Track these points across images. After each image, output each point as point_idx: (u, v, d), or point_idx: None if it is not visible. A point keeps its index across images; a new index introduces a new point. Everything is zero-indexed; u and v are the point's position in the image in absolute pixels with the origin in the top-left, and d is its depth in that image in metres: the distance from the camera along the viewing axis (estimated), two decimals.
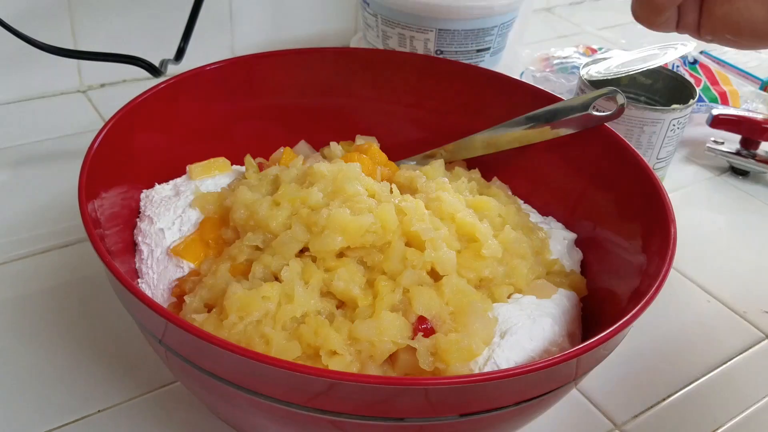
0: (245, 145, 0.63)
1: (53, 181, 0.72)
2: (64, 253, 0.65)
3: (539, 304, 0.51)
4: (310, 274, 0.47)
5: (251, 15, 0.94)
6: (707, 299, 0.67)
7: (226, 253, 0.52)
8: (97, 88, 0.88)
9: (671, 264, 0.45)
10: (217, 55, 0.81)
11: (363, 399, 0.37)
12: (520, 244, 0.54)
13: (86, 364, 0.55)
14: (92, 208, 0.47)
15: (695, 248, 0.73)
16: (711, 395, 0.58)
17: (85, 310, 0.59)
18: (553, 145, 0.61)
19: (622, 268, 0.53)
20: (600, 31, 1.19)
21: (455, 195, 0.55)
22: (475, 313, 0.47)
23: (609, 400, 0.56)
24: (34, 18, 0.79)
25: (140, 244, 0.54)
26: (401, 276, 0.47)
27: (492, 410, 0.39)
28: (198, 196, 0.56)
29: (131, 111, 0.55)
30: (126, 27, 0.86)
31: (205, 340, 0.36)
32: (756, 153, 0.84)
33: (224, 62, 0.62)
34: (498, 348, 0.46)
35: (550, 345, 0.48)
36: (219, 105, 0.62)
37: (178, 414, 0.52)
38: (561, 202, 0.62)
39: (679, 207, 0.68)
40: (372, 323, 0.45)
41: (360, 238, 0.48)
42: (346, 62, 0.66)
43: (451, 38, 0.80)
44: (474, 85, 0.65)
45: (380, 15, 0.82)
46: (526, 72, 0.93)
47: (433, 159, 0.64)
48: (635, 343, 0.60)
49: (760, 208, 0.81)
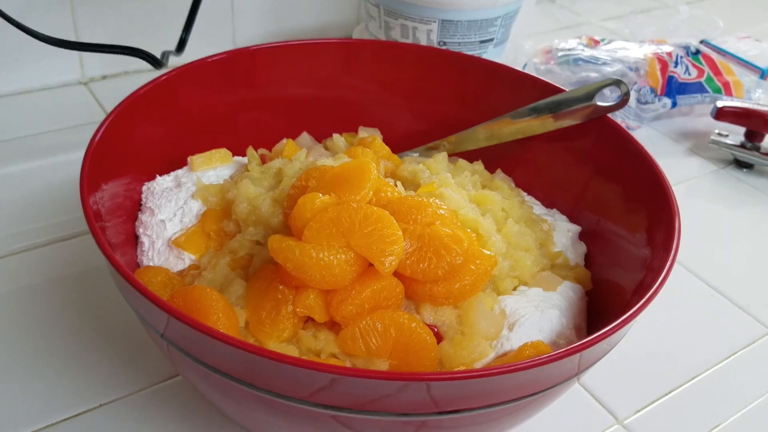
0: (247, 137, 0.63)
1: (55, 173, 0.72)
2: (65, 245, 0.64)
3: (546, 296, 0.51)
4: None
5: (253, 6, 0.93)
6: (710, 293, 0.67)
7: (226, 246, 0.52)
8: (98, 79, 0.88)
9: (675, 257, 0.45)
10: (219, 46, 0.80)
11: (365, 394, 0.37)
12: (524, 237, 0.54)
13: (88, 358, 0.55)
14: (94, 200, 0.47)
15: (698, 241, 0.72)
16: (714, 390, 0.58)
17: (87, 303, 0.59)
18: (557, 137, 0.61)
19: (625, 261, 0.53)
20: (603, 22, 1.19)
21: (458, 190, 0.54)
22: (481, 312, 0.47)
23: (611, 395, 0.56)
24: (36, 10, 0.79)
25: (141, 236, 0.54)
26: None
27: (494, 405, 0.39)
28: (200, 187, 0.56)
29: (133, 103, 0.54)
30: (127, 18, 0.85)
31: (206, 334, 0.36)
32: (760, 146, 0.84)
33: (226, 54, 0.61)
34: (507, 341, 0.46)
35: (558, 337, 0.48)
36: (220, 96, 0.62)
37: (179, 408, 0.52)
38: (564, 194, 0.62)
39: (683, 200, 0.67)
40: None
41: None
42: (348, 54, 0.66)
43: (454, 29, 0.80)
44: (477, 76, 0.65)
45: (383, 5, 0.81)
46: (529, 64, 0.93)
47: (435, 151, 0.64)
48: (637, 337, 0.60)
49: (764, 201, 0.81)
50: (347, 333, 0.44)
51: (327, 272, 0.43)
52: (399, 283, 0.46)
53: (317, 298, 0.45)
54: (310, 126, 0.67)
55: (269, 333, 0.45)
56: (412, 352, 0.44)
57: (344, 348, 0.44)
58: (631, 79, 0.87)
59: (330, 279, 0.44)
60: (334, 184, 0.48)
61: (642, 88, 0.88)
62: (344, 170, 0.49)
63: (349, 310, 0.44)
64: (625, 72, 0.87)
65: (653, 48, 0.92)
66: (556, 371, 0.39)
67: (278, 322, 0.45)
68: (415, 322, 0.44)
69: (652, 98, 0.88)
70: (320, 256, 0.43)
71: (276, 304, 0.45)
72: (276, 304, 0.45)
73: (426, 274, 0.45)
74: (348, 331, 0.44)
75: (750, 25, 1.20)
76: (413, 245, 0.46)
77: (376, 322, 0.44)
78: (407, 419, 0.38)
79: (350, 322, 0.44)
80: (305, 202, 0.46)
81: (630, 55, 0.90)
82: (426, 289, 0.46)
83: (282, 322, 0.45)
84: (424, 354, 0.44)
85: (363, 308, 0.44)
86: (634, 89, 0.87)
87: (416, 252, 0.45)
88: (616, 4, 1.24)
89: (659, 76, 0.89)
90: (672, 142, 0.89)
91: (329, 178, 0.49)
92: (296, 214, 0.46)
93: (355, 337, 0.44)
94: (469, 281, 0.46)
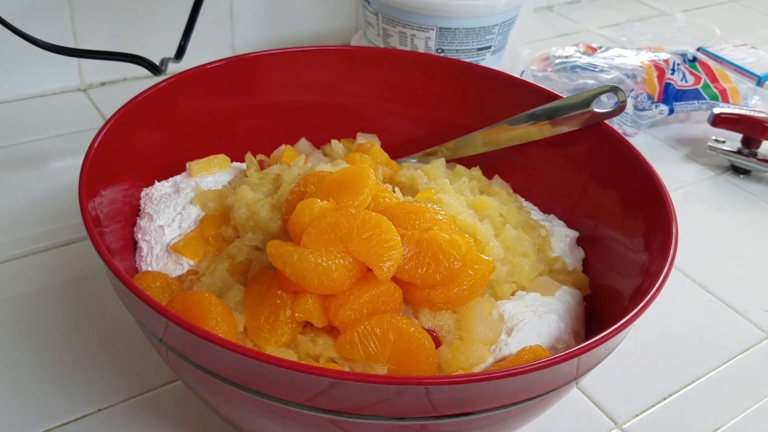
0: (245, 143, 0.63)
1: (53, 179, 0.72)
2: (64, 251, 0.64)
3: (544, 301, 0.51)
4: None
5: (252, 13, 0.94)
6: (708, 298, 0.67)
7: (225, 252, 0.52)
8: (97, 86, 0.88)
9: (673, 263, 0.45)
10: (218, 53, 0.81)
11: (363, 398, 0.37)
12: (522, 242, 0.54)
13: (86, 362, 0.55)
14: (92, 206, 0.47)
15: (696, 247, 0.73)
16: (712, 394, 0.58)
17: (86, 308, 0.59)
18: (554, 143, 0.61)
19: (623, 266, 0.53)
20: (600, 29, 1.19)
21: (456, 196, 0.55)
22: (479, 317, 0.47)
23: (610, 399, 0.56)
24: (35, 16, 0.79)
25: (140, 242, 0.54)
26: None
27: (493, 409, 0.39)
28: (199, 193, 0.56)
29: (132, 109, 0.55)
30: (126, 25, 0.86)
31: (205, 338, 0.36)
32: (757, 152, 0.84)
33: (225, 61, 0.61)
34: (505, 346, 0.46)
35: (557, 342, 0.48)
36: (219, 103, 0.62)
37: (178, 413, 0.52)
38: (562, 200, 0.62)
39: (681, 206, 0.68)
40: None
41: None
42: (346, 61, 0.66)
43: (452, 37, 0.80)
44: (475, 83, 0.65)
45: (381, 13, 0.82)
46: (526, 71, 0.93)
47: (433, 157, 0.64)
48: (636, 342, 0.60)
49: (761, 207, 0.81)
50: (346, 338, 0.44)
51: (325, 277, 0.44)
52: (397, 288, 0.46)
53: (316, 303, 0.45)
54: (309, 132, 0.67)
55: (268, 338, 0.45)
56: (411, 356, 0.44)
57: (343, 353, 0.44)
58: (628, 86, 0.88)
59: (328, 284, 0.44)
60: (333, 189, 0.48)
61: (639, 95, 0.88)
62: (343, 176, 0.49)
63: (348, 315, 0.44)
64: (622, 79, 0.88)
65: (650, 55, 0.93)
66: (554, 375, 0.39)
67: (277, 326, 0.45)
68: (413, 327, 0.44)
69: (649, 105, 0.89)
70: (319, 261, 0.44)
71: (275, 309, 0.45)
72: (275, 309, 0.45)
73: (424, 279, 0.45)
74: (346, 335, 0.44)
75: (746, 32, 1.21)
76: (411, 250, 0.46)
77: (375, 326, 0.44)
78: (406, 423, 0.38)
79: (349, 327, 0.44)
80: (304, 207, 0.46)
81: (627, 63, 0.91)
82: (424, 294, 0.46)
83: (280, 327, 0.45)
84: (422, 358, 0.44)
85: (361, 313, 0.44)
86: (631, 96, 0.88)
87: (414, 257, 0.46)
88: (614, 12, 1.25)
89: (656, 83, 0.89)
90: (669, 149, 0.90)
91: (328, 184, 0.49)
92: (295, 220, 0.46)
93: (354, 342, 0.44)
94: (468, 286, 0.46)
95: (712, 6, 1.34)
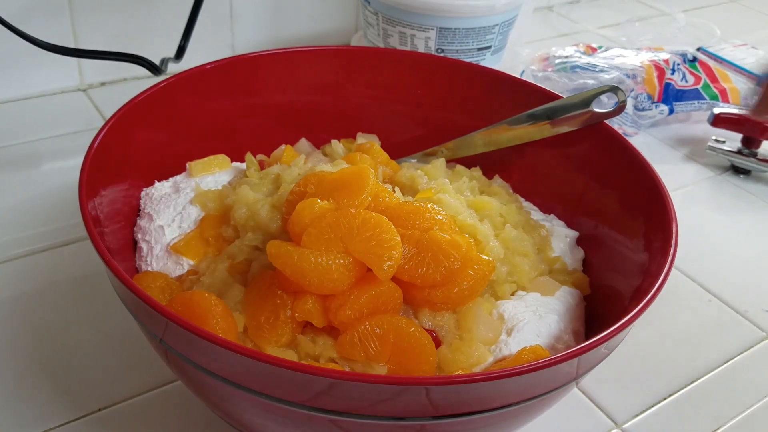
0: (245, 143, 0.63)
1: (53, 179, 0.72)
2: (64, 251, 0.64)
3: (544, 301, 0.51)
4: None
5: (252, 13, 0.94)
6: (708, 298, 0.67)
7: (225, 252, 0.52)
8: (97, 86, 0.88)
9: (673, 263, 0.45)
10: (218, 53, 0.81)
11: (363, 398, 0.37)
12: (521, 242, 0.54)
13: (87, 362, 0.55)
14: (92, 206, 0.47)
15: (696, 247, 0.73)
16: (712, 394, 0.58)
17: (86, 308, 0.59)
18: (554, 143, 0.61)
19: (623, 266, 0.53)
20: (600, 29, 1.19)
21: (456, 196, 0.55)
22: (479, 317, 0.47)
23: (610, 399, 0.56)
24: (35, 16, 0.79)
25: (140, 242, 0.54)
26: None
27: (493, 409, 0.39)
28: (199, 193, 0.56)
29: (132, 109, 0.55)
30: (126, 25, 0.86)
31: (205, 338, 0.36)
32: (757, 152, 0.84)
33: (225, 60, 0.61)
34: (505, 346, 0.46)
35: (556, 342, 0.48)
36: (219, 103, 0.62)
37: (178, 413, 0.52)
38: (562, 200, 0.62)
39: (681, 206, 0.68)
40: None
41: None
42: (347, 61, 0.66)
43: (452, 37, 0.80)
44: (475, 83, 0.65)
45: (381, 13, 0.82)
46: (526, 71, 0.93)
47: (433, 157, 0.64)
48: (636, 342, 0.60)
49: (761, 207, 0.81)
50: (346, 338, 0.44)
51: (325, 277, 0.44)
52: (397, 288, 0.46)
53: (316, 303, 0.45)
54: (309, 132, 0.67)
55: (268, 338, 0.45)
56: (411, 356, 0.44)
57: (343, 353, 0.44)
58: (628, 86, 0.88)
59: (328, 284, 0.44)
60: (333, 189, 0.48)
61: (639, 95, 0.88)
62: (343, 176, 0.49)
63: (348, 315, 0.44)
64: (622, 79, 0.88)
65: (650, 55, 0.93)
66: (554, 375, 0.39)
67: (277, 327, 0.45)
68: (413, 327, 0.44)
69: (649, 105, 0.89)
70: (319, 261, 0.44)
71: (275, 309, 0.45)
72: (275, 309, 0.45)
73: (424, 279, 0.45)
74: (347, 336, 0.44)
75: (746, 32, 1.21)
76: (411, 250, 0.46)
77: (375, 326, 0.44)
78: (405, 423, 0.38)
79: (349, 327, 0.44)
80: (304, 207, 0.46)
81: (627, 63, 0.91)
82: (424, 294, 0.46)
83: (280, 327, 0.45)
84: (422, 358, 0.44)
85: (361, 313, 0.44)
86: (631, 96, 0.88)
87: (414, 257, 0.46)
88: (614, 12, 1.25)
89: (656, 83, 0.89)
90: (669, 149, 0.90)
91: (328, 184, 0.49)
92: (295, 220, 0.46)
93: (354, 342, 0.44)
94: (468, 286, 0.46)
95: (712, 6, 1.34)
